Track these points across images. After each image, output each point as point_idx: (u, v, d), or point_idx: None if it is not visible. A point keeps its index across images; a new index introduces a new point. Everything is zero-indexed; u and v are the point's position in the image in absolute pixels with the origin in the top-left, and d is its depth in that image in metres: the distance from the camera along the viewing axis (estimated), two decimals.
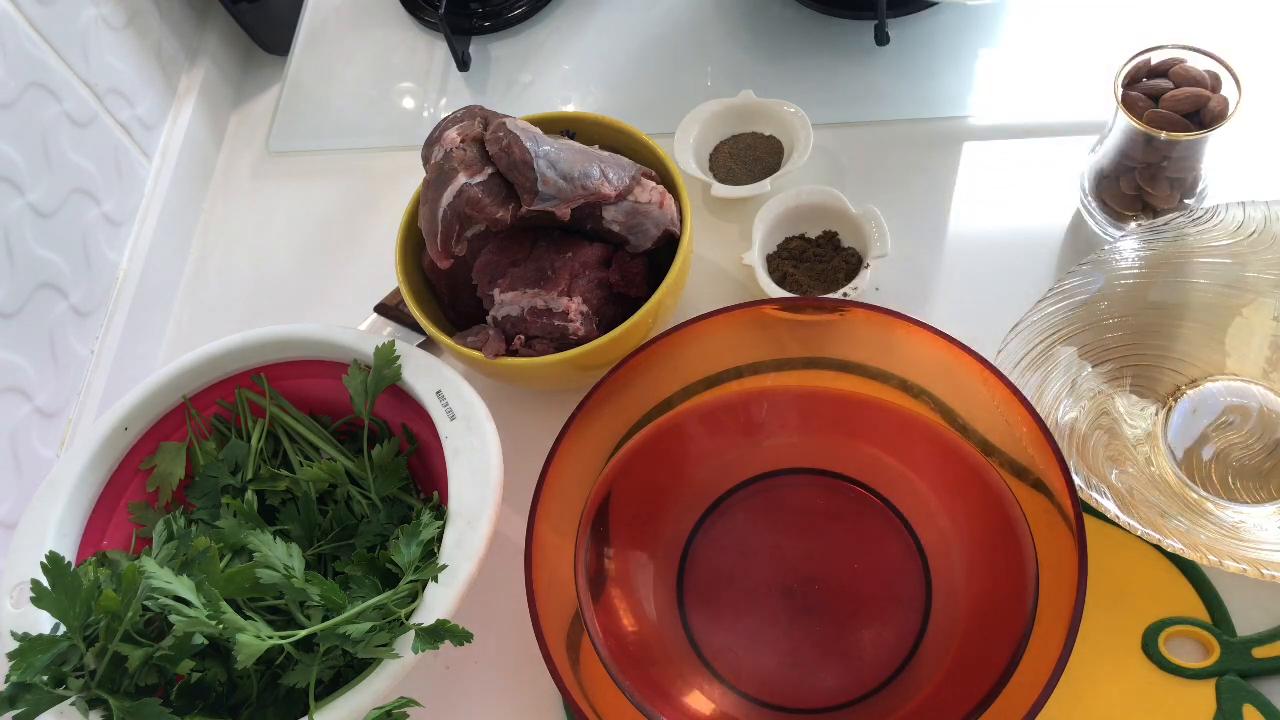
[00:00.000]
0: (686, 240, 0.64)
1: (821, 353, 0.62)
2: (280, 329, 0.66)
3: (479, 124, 0.63)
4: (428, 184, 0.62)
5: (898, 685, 0.57)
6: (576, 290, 0.63)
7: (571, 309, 0.62)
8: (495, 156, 0.61)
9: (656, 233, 0.65)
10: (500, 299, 0.64)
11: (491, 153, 0.61)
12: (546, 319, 0.63)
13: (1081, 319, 0.64)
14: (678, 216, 0.66)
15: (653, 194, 0.64)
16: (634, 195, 0.64)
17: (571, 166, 0.61)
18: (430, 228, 0.62)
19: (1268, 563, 0.53)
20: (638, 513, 0.62)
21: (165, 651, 0.51)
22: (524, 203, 0.61)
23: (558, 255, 0.64)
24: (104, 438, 0.63)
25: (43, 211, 0.71)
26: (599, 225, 0.64)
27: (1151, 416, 0.63)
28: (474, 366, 0.65)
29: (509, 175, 0.61)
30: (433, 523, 0.56)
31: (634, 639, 0.58)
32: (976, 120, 0.78)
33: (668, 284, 0.62)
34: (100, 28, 0.79)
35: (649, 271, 0.67)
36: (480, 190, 0.60)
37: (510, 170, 0.60)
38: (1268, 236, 0.63)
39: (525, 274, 0.64)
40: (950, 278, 0.71)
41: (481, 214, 0.61)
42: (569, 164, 0.61)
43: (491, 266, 0.65)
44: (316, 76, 0.91)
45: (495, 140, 0.61)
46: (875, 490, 0.63)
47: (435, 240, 0.62)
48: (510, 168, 0.60)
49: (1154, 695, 0.55)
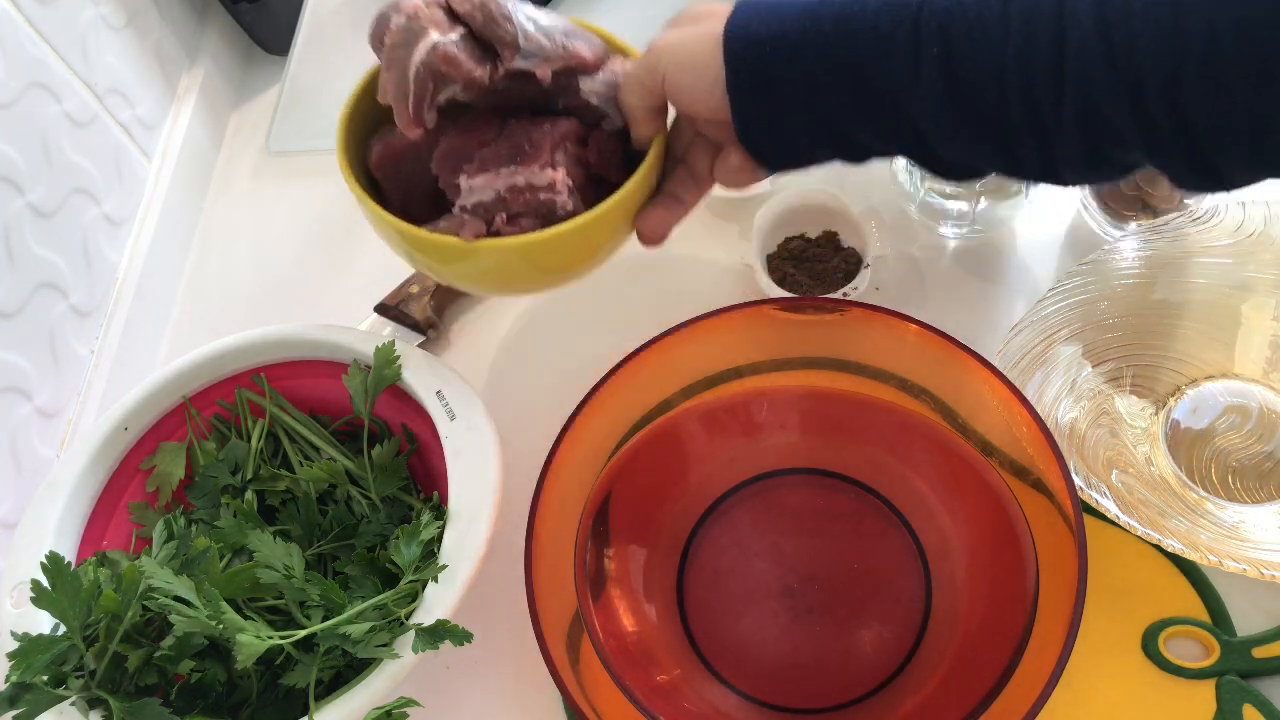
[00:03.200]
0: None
1: (821, 353, 0.62)
2: (280, 329, 0.66)
3: None
4: (391, 48, 0.55)
5: (898, 685, 0.57)
6: (560, 162, 0.56)
7: (558, 180, 0.56)
8: (467, 16, 0.55)
9: None
10: (469, 184, 0.57)
11: (462, 11, 0.55)
12: (530, 195, 0.56)
13: (1081, 319, 0.64)
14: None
15: (626, 66, 0.59)
16: (610, 64, 0.59)
17: (550, 26, 0.56)
18: (400, 89, 0.55)
19: (1268, 563, 0.53)
20: (638, 513, 0.62)
21: (165, 651, 0.51)
22: (504, 60, 0.55)
23: (534, 128, 0.58)
24: (104, 438, 0.63)
25: (43, 211, 0.71)
26: (575, 100, 0.58)
27: (1151, 416, 0.63)
28: (441, 268, 0.59)
29: (485, 32, 0.55)
30: (433, 523, 0.56)
31: (634, 639, 0.58)
32: None
33: (654, 153, 0.57)
34: (100, 28, 0.79)
35: (621, 157, 0.61)
36: (455, 47, 0.54)
37: (487, 26, 0.55)
38: (1268, 236, 0.63)
39: (498, 152, 0.57)
40: (950, 278, 0.71)
41: (458, 71, 0.54)
42: (548, 23, 0.56)
43: (455, 152, 0.58)
44: (316, 76, 0.91)
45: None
46: (875, 490, 0.63)
47: (406, 104, 0.55)
48: (488, 23, 0.55)
49: (1154, 695, 0.55)
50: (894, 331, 0.59)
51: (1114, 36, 0.41)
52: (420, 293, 0.75)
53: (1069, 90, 0.43)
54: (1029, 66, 0.44)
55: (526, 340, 0.75)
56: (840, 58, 0.48)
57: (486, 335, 0.75)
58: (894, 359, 0.60)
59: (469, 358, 0.75)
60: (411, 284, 0.76)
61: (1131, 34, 0.41)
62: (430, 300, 0.75)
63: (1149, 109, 0.42)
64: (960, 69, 0.45)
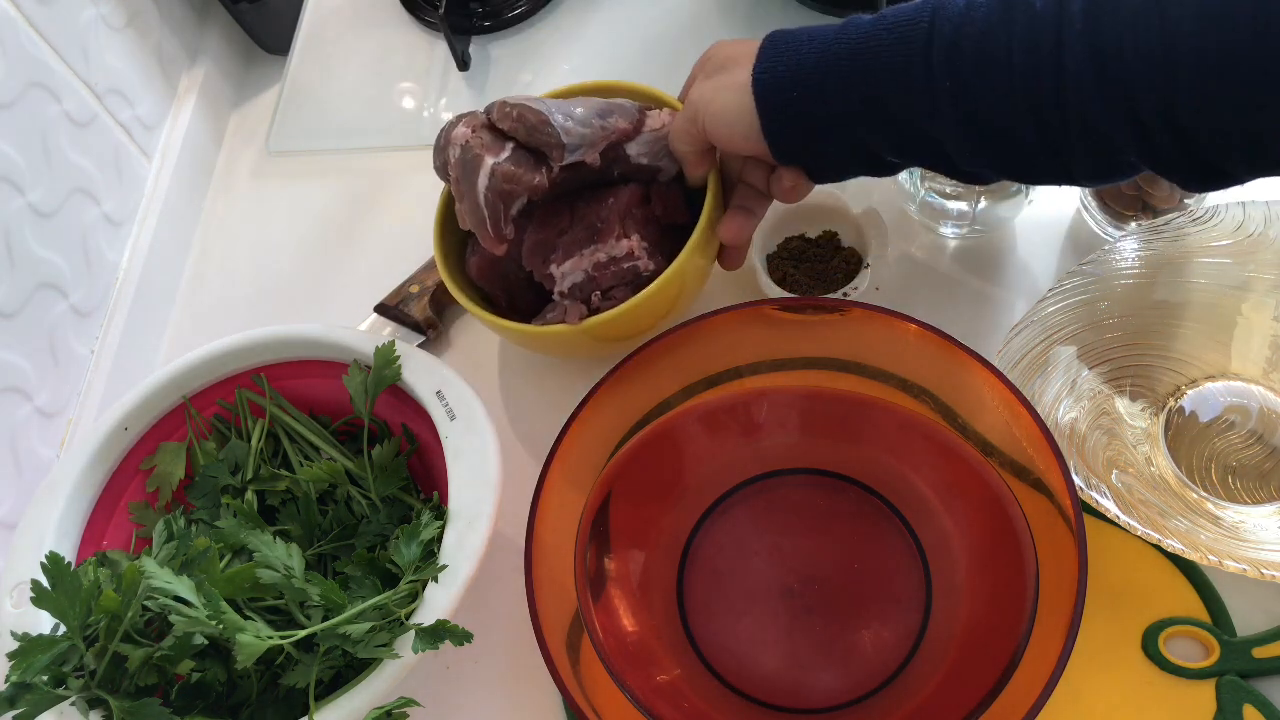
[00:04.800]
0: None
1: (821, 353, 0.62)
2: (280, 329, 0.66)
3: (481, 114, 0.63)
4: (456, 180, 0.62)
5: (898, 685, 0.57)
6: (631, 230, 0.63)
7: (634, 247, 0.62)
8: (511, 130, 0.61)
9: None
10: (561, 272, 0.63)
11: (506, 128, 0.61)
12: (614, 267, 0.62)
13: (1081, 319, 0.64)
14: None
15: (663, 118, 0.64)
16: (648, 124, 0.63)
17: (585, 113, 0.61)
18: (477, 217, 0.61)
19: (1268, 563, 0.53)
20: (638, 513, 0.62)
21: (165, 651, 0.51)
22: (554, 160, 0.60)
23: (600, 206, 0.64)
24: (104, 438, 0.63)
25: (43, 211, 0.71)
26: (627, 166, 0.64)
27: (1151, 417, 0.63)
28: (561, 346, 0.66)
29: (531, 141, 0.60)
30: (433, 523, 0.56)
31: (634, 639, 0.58)
32: None
33: (713, 189, 0.62)
34: (100, 28, 0.79)
35: (684, 200, 0.67)
36: (510, 163, 0.60)
37: (531, 135, 0.60)
38: (1267, 236, 0.63)
39: (577, 236, 0.63)
40: (950, 278, 0.71)
41: (520, 184, 0.60)
42: (582, 112, 0.61)
43: (540, 246, 0.64)
44: (316, 76, 0.91)
45: (505, 116, 0.61)
46: (875, 490, 0.63)
47: (486, 228, 0.61)
48: (531, 133, 0.60)
49: (1154, 695, 0.55)
50: (894, 331, 0.59)
51: (1108, 67, 0.44)
52: (420, 293, 0.75)
53: (1071, 116, 0.46)
54: (1033, 95, 0.47)
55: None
56: (862, 93, 0.51)
57: (487, 336, 0.75)
58: (894, 359, 0.60)
59: (469, 358, 0.75)
60: (411, 284, 0.76)
61: (1124, 64, 0.44)
62: (430, 300, 0.75)
63: (1148, 129, 0.45)
64: (973, 102, 0.48)
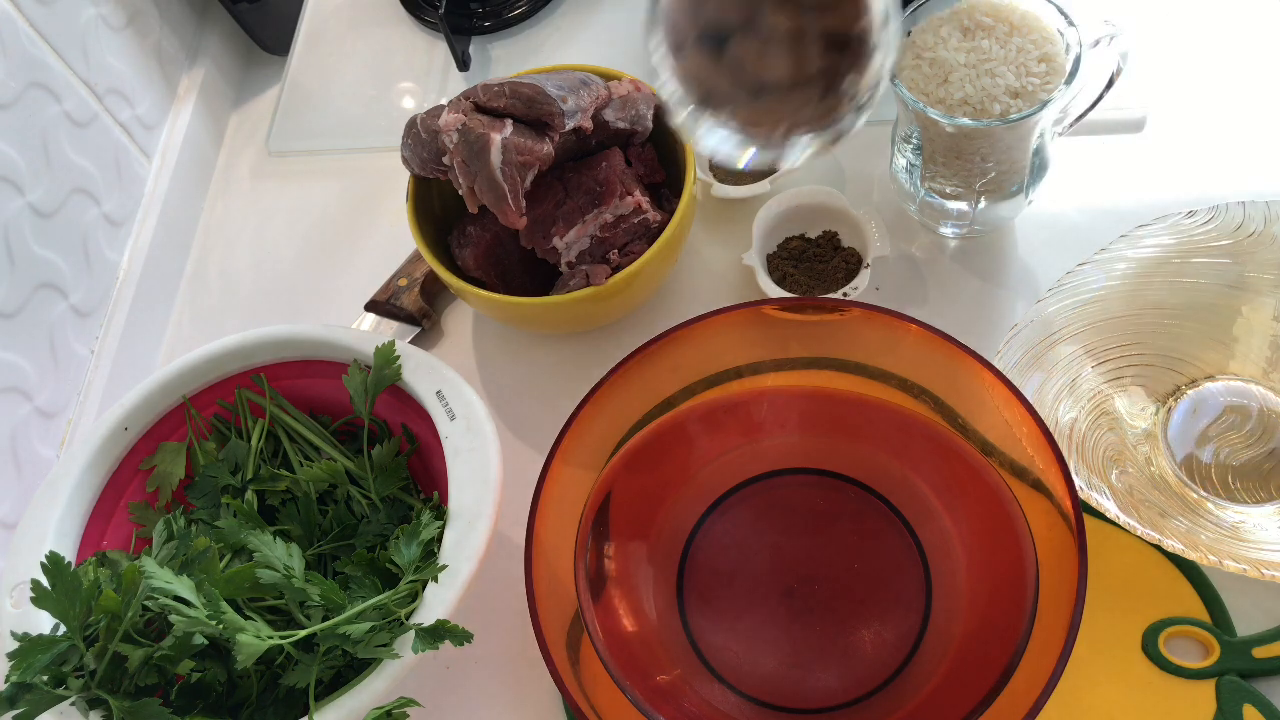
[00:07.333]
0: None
1: (821, 353, 0.62)
2: (280, 329, 0.66)
3: (462, 101, 0.64)
4: (463, 164, 0.62)
5: (898, 685, 0.57)
6: (632, 187, 0.64)
7: (640, 201, 0.63)
8: (507, 108, 0.62)
9: (650, 110, 0.67)
10: (565, 243, 0.64)
11: (500, 106, 0.62)
12: (624, 224, 0.64)
13: (1081, 319, 0.64)
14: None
15: (626, 85, 0.67)
16: (615, 91, 0.66)
17: (565, 82, 0.63)
18: (496, 194, 0.61)
19: (1268, 563, 0.53)
20: (638, 513, 0.62)
21: (165, 651, 0.51)
22: (556, 128, 0.62)
23: (595, 171, 0.65)
24: (104, 438, 0.63)
25: (43, 211, 0.71)
26: (606, 131, 0.65)
27: (1151, 416, 0.63)
28: (584, 313, 0.66)
29: (531, 114, 0.62)
30: (433, 523, 0.56)
31: (634, 639, 0.58)
32: None
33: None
34: (100, 28, 0.79)
35: (657, 160, 0.70)
36: (520, 137, 0.61)
37: (531, 108, 0.61)
38: (1267, 236, 0.63)
39: (575, 205, 0.64)
40: (950, 278, 0.71)
41: (534, 155, 0.61)
42: (565, 83, 0.63)
43: (537, 223, 0.65)
44: (316, 76, 0.91)
45: (496, 95, 0.62)
46: (875, 490, 0.63)
47: (507, 202, 0.62)
48: (530, 105, 0.61)
49: (1154, 695, 0.55)
50: (894, 331, 0.59)
51: None
52: (409, 285, 0.75)
53: None
54: None
55: (526, 333, 0.75)
56: None
57: (482, 323, 0.75)
58: (894, 359, 0.60)
59: (464, 346, 0.75)
60: (398, 278, 0.76)
61: None
62: (420, 291, 0.75)
63: None
64: None
